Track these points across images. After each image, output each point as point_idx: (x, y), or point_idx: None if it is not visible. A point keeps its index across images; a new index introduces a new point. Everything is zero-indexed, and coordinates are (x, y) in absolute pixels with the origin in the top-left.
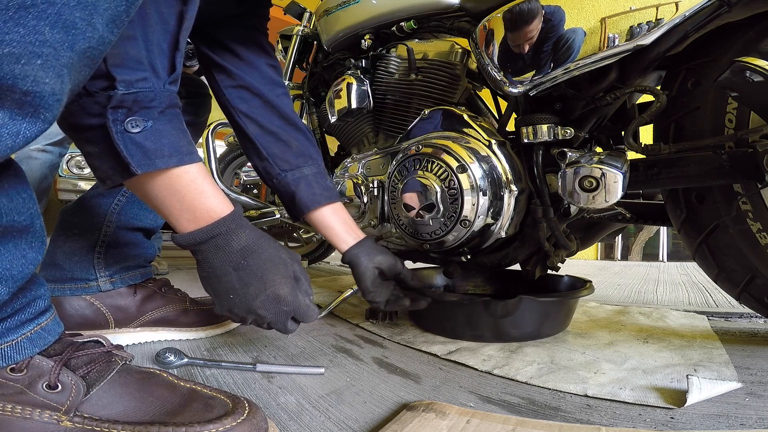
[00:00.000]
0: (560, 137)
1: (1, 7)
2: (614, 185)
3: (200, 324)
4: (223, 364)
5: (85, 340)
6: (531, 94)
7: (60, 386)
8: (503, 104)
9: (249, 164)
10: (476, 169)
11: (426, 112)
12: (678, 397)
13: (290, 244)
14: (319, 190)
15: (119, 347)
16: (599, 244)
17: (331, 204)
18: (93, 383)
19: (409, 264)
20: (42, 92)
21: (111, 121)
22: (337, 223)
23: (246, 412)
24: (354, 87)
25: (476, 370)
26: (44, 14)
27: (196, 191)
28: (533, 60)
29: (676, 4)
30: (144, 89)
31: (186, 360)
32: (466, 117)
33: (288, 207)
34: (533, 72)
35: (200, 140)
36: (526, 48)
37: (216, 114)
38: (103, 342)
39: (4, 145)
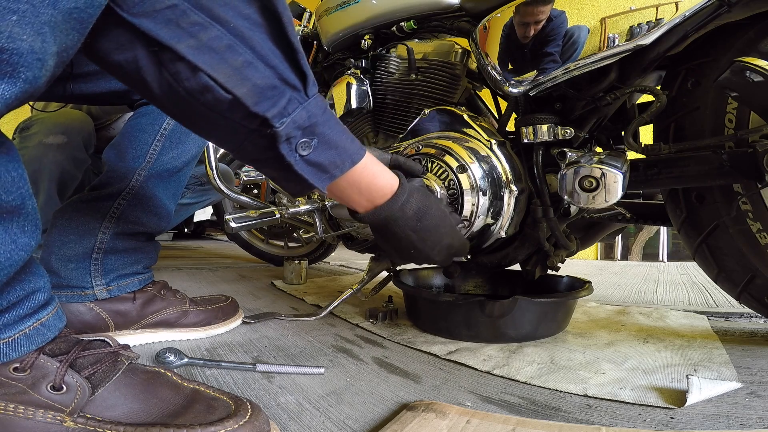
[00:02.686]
0: (560, 137)
1: None
2: (614, 185)
3: (200, 324)
4: (223, 364)
5: (91, 338)
6: (531, 94)
7: (65, 388)
8: (503, 104)
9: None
10: (476, 169)
11: (426, 112)
12: (678, 397)
13: (290, 244)
14: None
15: (125, 347)
16: (599, 244)
17: None
18: (98, 384)
19: (408, 264)
20: (19, 49)
21: (285, 153)
22: None
23: (248, 414)
24: (354, 87)
25: (476, 370)
26: None
27: (369, 176)
28: (536, 57)
29: (676, 4)
30: (295, 111)
31: (186, 360)
32: (466, 117)
33: None
34: (533, 72)
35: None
36: (531, 32)
37: None
38: (110, 342)
39: None
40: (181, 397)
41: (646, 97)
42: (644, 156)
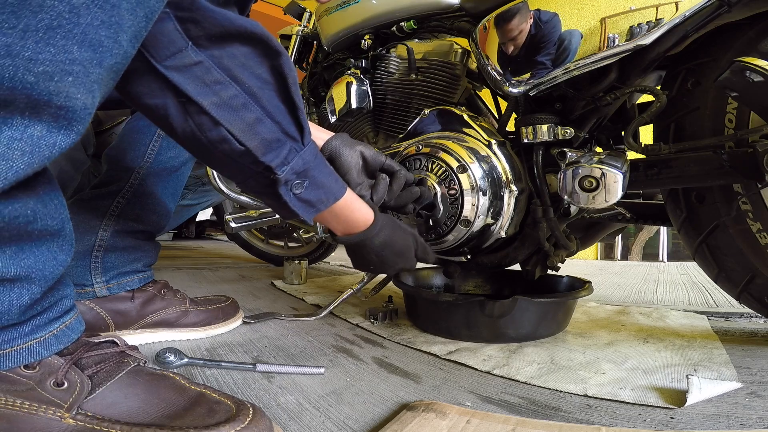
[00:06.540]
0: (560, 137)
1: (31, 28)
2: (614, 185)
3: (200, 324)
4: (223, 364)
5: (100, 340)
6: (531, 94)
7: (66, 384)
8: (503, 104)
9: None
10: (476, 169)
11: (426, 112)
12: (678, 397)
13: (290, 244)
14: None
15: (134, 348)
16: (599, 244)
17: None
18: (100, 382)
19: None
20: (74, 107)
21: (282, 193)
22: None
23: (248, 420)
24: (354, 87)
25: (476, 370)
26: (71, 34)
27: (349, 211)
28: (527, 63)
29: (676, 4)
30: (294, 159)
31: (186, 360)
32: (466, 117)
33: None
34: (533, 72)
35: None
36: (510, 49)
37: None
38: (118, 342)
39: (42, 155)
40: (185, 399)
41: (646, 97)
42: (644, 156)
